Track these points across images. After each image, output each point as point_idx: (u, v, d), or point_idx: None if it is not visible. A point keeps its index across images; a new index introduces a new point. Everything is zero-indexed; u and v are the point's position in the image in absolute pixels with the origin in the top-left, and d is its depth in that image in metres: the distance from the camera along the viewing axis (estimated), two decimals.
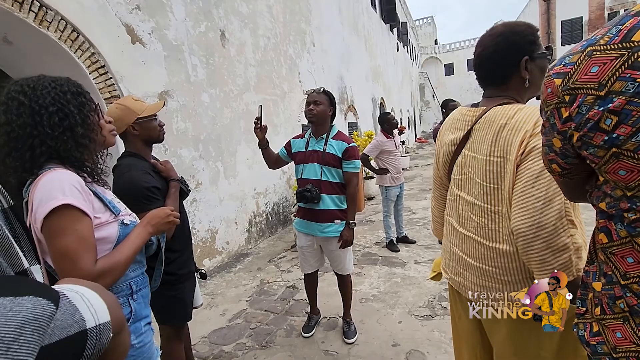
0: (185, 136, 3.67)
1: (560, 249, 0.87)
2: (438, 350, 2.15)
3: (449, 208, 1.27)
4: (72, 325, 0.32)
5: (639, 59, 0.50)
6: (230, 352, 2.34)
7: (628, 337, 0.59)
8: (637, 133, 0.52)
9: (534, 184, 0.91)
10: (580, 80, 0.57)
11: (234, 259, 4.24)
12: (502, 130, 1.00)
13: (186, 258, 1.70)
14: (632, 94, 0.51)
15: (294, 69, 6.18)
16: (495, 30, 1.07)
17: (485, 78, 1.13)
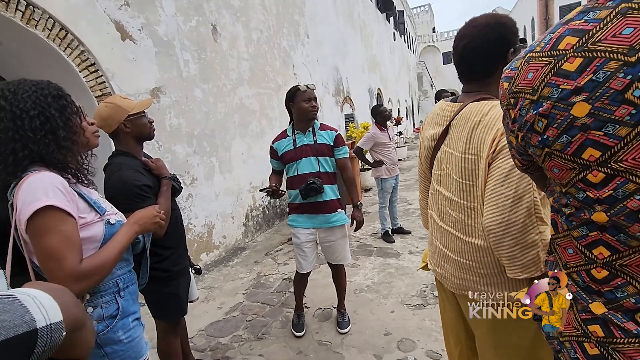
0: (179, 132, 3.68)
1: (529, 245, 0.90)
2: (428, 338, 2.20)
3: (431, 202, 1.30)
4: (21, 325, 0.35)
5: (563, 66, 0.54)
6: (227, 344, 2.39)
7: (571, 322, 0.63)
8: (562, 134, 0.55)
9: (504, 182, 0.92)
10: (520, 85, 0.61)
11: (231, 252, 4.29)
12: (476, 128, 1.01)
13: (180, 254, 1.73)
14: (556, 99, 0.55)
15: (288, 61, 6.15)
16: (479, 22, 1.05)
17: (469, 71, 1.11)
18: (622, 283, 0.57)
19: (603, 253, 0.58)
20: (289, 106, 2.24)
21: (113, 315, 1.06)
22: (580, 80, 0.52)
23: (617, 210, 0.53)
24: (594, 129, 0.52)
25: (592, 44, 0.51)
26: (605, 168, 0.53)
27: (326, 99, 7.77)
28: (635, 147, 0.49)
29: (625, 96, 0.49)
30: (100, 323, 1.04)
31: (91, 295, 1.04)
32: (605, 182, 0.53)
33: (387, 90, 14.57)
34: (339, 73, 8.69)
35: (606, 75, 0.50)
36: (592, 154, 0.53)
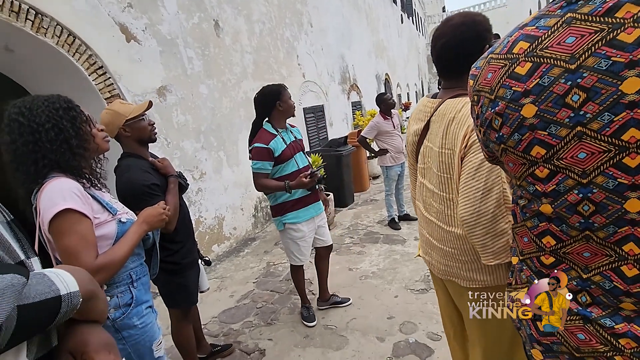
0: (186, 129, 3.79)
1: (499, 234, 0.97)
2: (429, 321, 2.29)
3: (417, 194, 1.37)
4: (49, 292, 0.53)
5: (515, 69, 0.59)
6: (238, 330, 2.54)
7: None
8: (514, 133, 0.61)
9: (474, 176, 0.99)
10: (481, 84, 0.66)
11: (241, 243, 4.44)
12: (451, 124, 1.07)
13: (188, 248, 1.85)
14: (509, 100, 0.60)
15: (292, 52, 6.16)
16: (455, 21, 1.10)
17: (447, 69, 1.16)
18: (565, 268, 0.63)
19: (550, 242, 0.64)
20: (275, 104, 2.17)
21: (128, 304, 1.18)
22: (529, 84, 0.57)
23: (560, 203, 0.59)
24: (540, 129, 0.57)
25: (540, 50, 0.56)
26: (550, 165, 0.58)
27: (332, 88, 7.77)
28: (574, 147, 0.54)
29: (566, 100, 0.53)
30: (117, 310, 1.16)
31: (108, 286, 1.16)
32: (550, 177, 0.59)
33: (395, 75, 14.38)
34: (344, 61, 8.63)
35: (550, 80, 0.55)
36: (538, 151, 0.58)
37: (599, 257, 0.58)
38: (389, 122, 4.07)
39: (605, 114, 0.51)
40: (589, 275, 0.60)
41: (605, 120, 0.51)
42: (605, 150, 0.52)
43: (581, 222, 0.58)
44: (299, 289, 2.55)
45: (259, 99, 2.23)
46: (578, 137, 0.54)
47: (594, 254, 0.59)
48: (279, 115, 2.22)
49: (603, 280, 0.58)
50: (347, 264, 3.37)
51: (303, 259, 2.40)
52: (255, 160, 2.15)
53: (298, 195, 2.23)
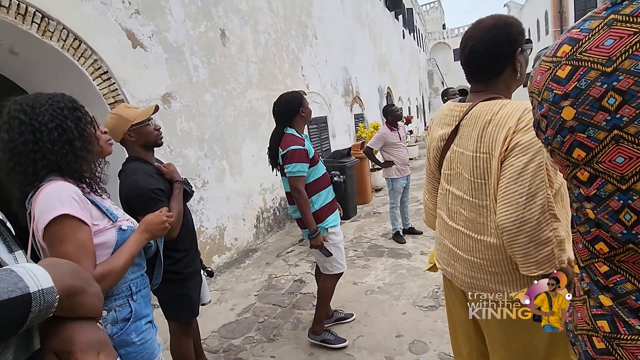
0: (189, 136, 3.74)
1: (543, 242, 0.90)
2: (441, 340, 2.18)
3: (439, 202, 1.30)
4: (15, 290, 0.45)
5: (557, 72, 0.58)
6: (239, 346, 2.42)
7: (584, 317, 0.65)
8: (557, 134, 0.60)
9: (517, 180, 0.93)
10: (533, 86, 0.66)
11: (242, 254, 4.33)
12: (487, 127, 1.02)
13: (192, 257, 1.77)
14: (551, 102, 0.60)
15: (297, 63, 6.17)
16: (485, 24, 1.07)
17: (478, 72, 1.12)
18: (620, 280, 0.58)
19: (603, 249, 0.60)
20: (299, 110, 2.14)
21: (126, 318, 1.09)
22: (567, 87, 0.57)
23: (602, 209, 0.56)
24: (579, 131, 0.56)
25: (579, 53, 0.55)
26: (590, 168, 0.56)
27: (335, 100, 7.77)
28: (611, 150, 0.53)
29: (602, 103, 0.52)
30: (114, 326, 1.07)
31: (105, 299, 1.07)
32: (591, 180, 0.57)
33: (397, 89, 14.47)
34: (348, 73, 8.68)
35: (587, 84, 0.54)
36: (579, 153, 0.57)
37: None
38: (395, 133, 4.02)
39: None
40: None
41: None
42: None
43: (624, 232, 0.54)
44: (325, 305, 2.31)
45: (283, 106, 2.17)
46: (615, 141, 0.52)
47: None
48: (301, 121, 2.18)
49: None
50: (352, 277, 3.27)
51: (345, 264, 2.28)
52: (295, 163, 2.02)
53: (329, 199, 2.19)
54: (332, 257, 2.18)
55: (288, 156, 2.03)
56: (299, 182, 2.03)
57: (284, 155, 2.06)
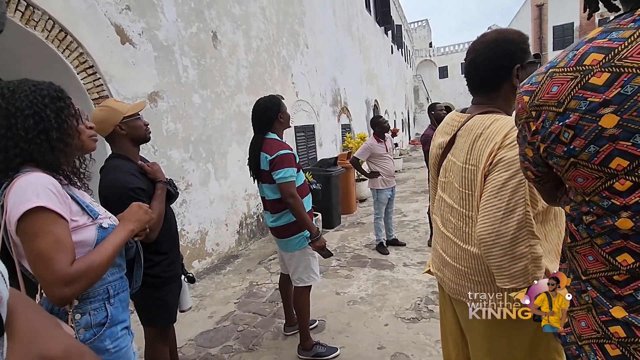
0: (175, 137, 3.65)
1: (517, 257, 0.92)
2: (423, 353, 2.17)
3: (435, 208, 1.33)
4: None
5: (590, 80, 0.57)
6: (217, 355, 2.33)
7: (590, 325, 0.64)
8: (590, 145, 0.58)
9: (497, 195, 0.95)
10: (543, 98, 0.64)
11: (223, 260, 4.23)
12: (477, 140, 1.04)
13: (172, 261, 1.70)
14: (584, 111, 0.58)
15: (287, 70, 6.18)
16: (488, 37, 1.08)
17: (477, 84, 1.14)
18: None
19: (627, 260, 0.60)
20: (277, 116, 2.07)
21: (101, 323, 1.03)
22: (608, 94, 0.56)
23: None
24: (623, 139, 0.55)
25: (618, 60, 0.55)
26: (633, 177, 0.56)
27: (323, 109, 7.81)
28: None
29: None
30: (88, 331, 1.00)
31: (80, 301, 1.00)
32: (632, 189, 0.56)
33: (383, 102, 14.71)
34: (337, 84, 8.76)
35: (634, 89, 0.53)
36: (619, 163, 0.56)
37: None
38: (382, 145, 4.05)
39: None
40: None
41: None
42: None
43: None
44: (307, 318, 2.25)
45: (262, 111, 2.08)
46: None
47: None
48: (279, 127, 2.12)
49: None
50: (335, 287, 3.23)
51: (319, 274, 2.25)
52: (286, 168, 1.95)
53: (309, 209, 2.11)
54: (309, 268, 2.15)
55: (277, 161, 1.96)
56: (291, 187, 1.96)
57: (272, 160, 1.97)
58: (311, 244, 2.03)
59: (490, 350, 1.11)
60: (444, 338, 1.40)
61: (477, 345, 1.16)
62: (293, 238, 2.09)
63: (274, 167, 1.96)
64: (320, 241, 2.02)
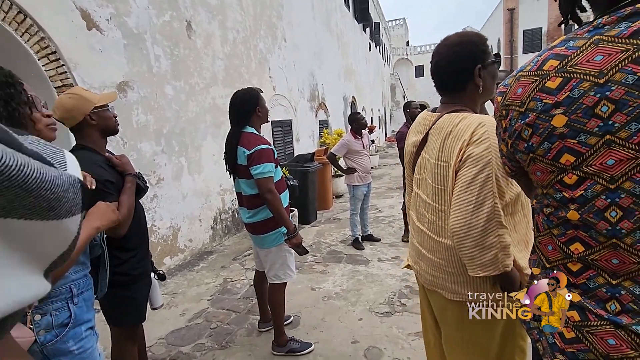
0: (146, 129, 3.52)
1: (487, 247, 0.98)
2: (395, 346, 2.22)
3: (412, 204, 1.38)
4: None
5: (546, 84, 0.63)
6: (188, 353, 2.29)
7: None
8: (544, 142, 0.65)
9: (467, 189, 1.01)
10: (511, 98, 0.70)
11: (197, 257, 4.14)
12: (447, 138, 1.09)
13: (141, 258, 1.64)
14: (540, 111, 0.64)
15: (264, 63, 6.09)
16: (450, 41, 1.14)
17: (443, 85, 1.19)
18: (593, 275, 0.64)
19: (578, 249, 0.65)
20: (255, 110, 2.03)
21: (64, 324, 0.98)
22: (559, 96, 0.62)
23: (587, 209, 0.61)
24: (570, 137, 0.61)
25: (570, 66, 0.61)
26: (578, 171, 0.61)
27: (301, 104, 7.77)
28: (602, 154, 0.58)
29: (595, 111, 0.58)
30: (49, 332, 0.95)
31: (40, 301, 0.95)
32: (578, 183, 0.62)
33: (361, 98, 14.82)
34: (314, 79, 8.73)
35: (580, 93, 0.59)
36: (567, 158, 0.62)
37: (627, 264, 0.60)
38: (359, 141, 4.08)
39: (633, 123, 0.55)
40: (618, 281, 0.61)
41: (633, 129, 0.55)
42: (632, 157, 0.56)
43: (608, 229, 0.60)
44: (282, 315, 2.24)
45: (239, 104, 2.03)
46: (607, 145, 0.57)
47: (622, 262, 0.60)
48: (258, 120, 2.07)
49: (634, 285, 0.60)
50: (310, 283, 3.24)
51: (295, 271, 2.23)
52: (264, 163, 1.91)
53: (286, 205, 2.08)
54: (285, 265, 2.14)
55: (255, 156, 1.92)
56: (270, 182, 1.93)
57: (250, 155, 1.93)
58: (288, 241, 2.02)
59: (463, 337, 1.18)
60: (424, 325, 1.48)
61: (449, 333, 1.23)
62: (270, 234, 2.07)
63: (252, 162, 1.93)
64: (297, 238, 2.01)
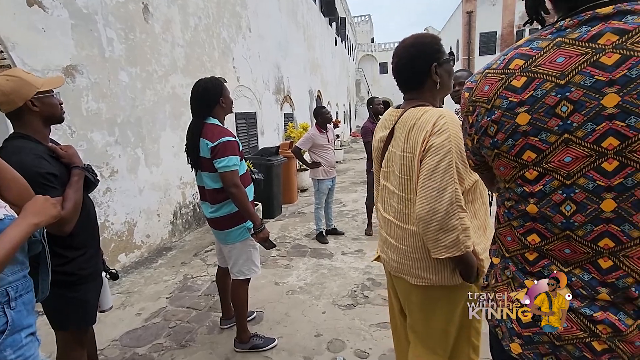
0: (97, 118, 3.28)
1: (450, 229, 1.07)
2: (357, 337, 2.27)
3: (379, 196, 1.44)
4: None
5: (512, 82, 0.65)
6: (145, 355, 2.18)
7: (510, 297, 0.74)
8: (508, 138, 0.67)
9: (430, 177, 1.08)
10: (477, 95, 0.72)
11: (155, 253, 3.95)
12: (411, 130, 1.17)
13: (90, 256, 1.53)
14: (505, 109, 0.66)
15: (228, 53, 5.89)
16: (406, 42, 1.24)
17: (404, 83, 1.29)
18: (547, 263, 0.68)
19: (535, 239, 0.69)
20: (219, 101, 1.96)
21: (0, 331, 0.88)
22: (524, 95, 0.64)
23: (545, 203, 0.65)
24: (532, 135, 0.64)
25: (534, 66, 0.63)
26: (539, 167, 0.64)
27: (266, 96, 7.63)
28: (560, 151, 0.61)
29: (555, 110, 0.61)
30: None
31: None
32: (538, 179, 0.65)
33: (327, 92, 14.84)
34: (280, 71, 8.60)
35: (543, 93, 0.62)
36: (529, 155, 0.65)
37: (578, 254, 0.64)
38: (324, 135, 4.09)
39: (589, 123, 0.58)
40: (569, 269, 0.65)
41: (589, 129, 0.58)
42: (587, 155, 0.59)
43: (563, 222, 0.63)
44: (245, 311, 2.18)
45: (201, 94, 1.94)
46: (565, 143, 0.60)
47: (573, 251, 0.64)
48: (221, 111, 2.00)
49: (582, 272, 0.64)
50: (274, 277, 3.22)
51: (260, 266, 2.18)
52: (229, 156, 1.85)
53: (251, 199, 2.03)
54: (250, 260, 2.10)
55: (220, 149, 1.85)
56: (235, 176, 1.87)
57: (214, 147, 1.85)
58: (255, 236, 1.98)
59: (426, 319, 1.28)
60: (391, 311, 1.55)
61: (414, 316, 1.33)
62: (234, 229, 2.02)
63: (216, 155, 1.86)
64: (264, 232, 1.98)
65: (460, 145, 1.09)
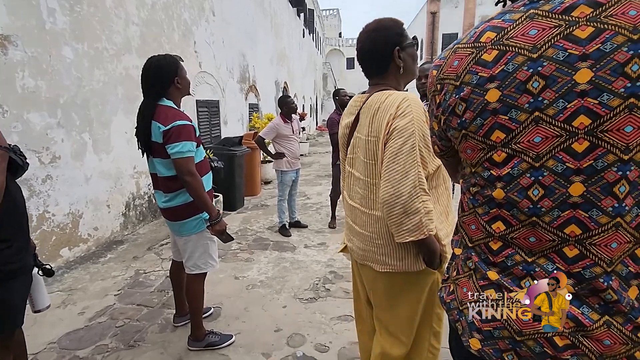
0: (36, 97, 2.94)
1: (413, 212, 1.06)
2: (318, 331, 2.23)
3: (344, 184, 1.42)
4: None
5: (482, 56, 0.61)
6: (87, 357, 2.00)
7: (470, 289, 0.71)
8: (477, 117, 0.63)
9: (394, 160, 1.07)
10: (446, 72, 0.67)
11: (103, 247, 3.66)
12: (376, 114, 1.15)
13: (16, 250, 1.35)
14: (474, 85, 0.62)
15: (189, 36, 5.57)
16: (369, 27, 1.22)
17: (368, 69, 1.27)
18: (511, 253, 0.65)
19: (500, 227, 0.65)
20: (173, 80, 1.80)
21: None
22: (494, 70, 0.60)
23: (512, 187, 0.62)
24: (502, 113, 0.60)
25: (506, 39, 0.59)
26: (507, 149, 0.61)
27: (230, 85, 7.35)
28: (531, 131, 0.58)
29: (527, 86, 0.57)
30: None
31: None
32: (506, 161, 0.62)
33: (293, 84, 14.64)
34: (245, 60, 8.31)
35: (514, 67, 0.58)
36: (498, 135, 0.61)
37: (543, 242, 0.61)
38: (288, 125, 3.99)
39: (560, 100, 0.55)
40: (533, 259, 0.63)
41: (560, 107, 0.55)
42: (557, 135, 0.56)
43: (530, 207, 0.60)
44: (200, 307, 2.06)
45: (153, 72, 1.78)
46: (535, 122, 0.57)
47: (539, 240, 0.61)
48: (177, 93, 1.84)
49: (547, 262, 0.61)
50: (233, 271, 3.10)
51: (217, 260, 2.08)
52: (183, 142, 1.71)
53: (208, 188, 1.90)
54: (206, 254, 1.98)
55: (173, 133, 1.70)
56: (189, 163, 1.74)
57: (166, 131, 1.70)
58: (210, 228, 1.86)
59: (391, 307, 1.29)
60: (356, 298, 1.54)
61: (379, 303, 1.33)
62: (189, 221, 1.88)
63: (169, 140, 1.71)
64: (221, 224, 1.86)
65: (424, 129, 1.09)
